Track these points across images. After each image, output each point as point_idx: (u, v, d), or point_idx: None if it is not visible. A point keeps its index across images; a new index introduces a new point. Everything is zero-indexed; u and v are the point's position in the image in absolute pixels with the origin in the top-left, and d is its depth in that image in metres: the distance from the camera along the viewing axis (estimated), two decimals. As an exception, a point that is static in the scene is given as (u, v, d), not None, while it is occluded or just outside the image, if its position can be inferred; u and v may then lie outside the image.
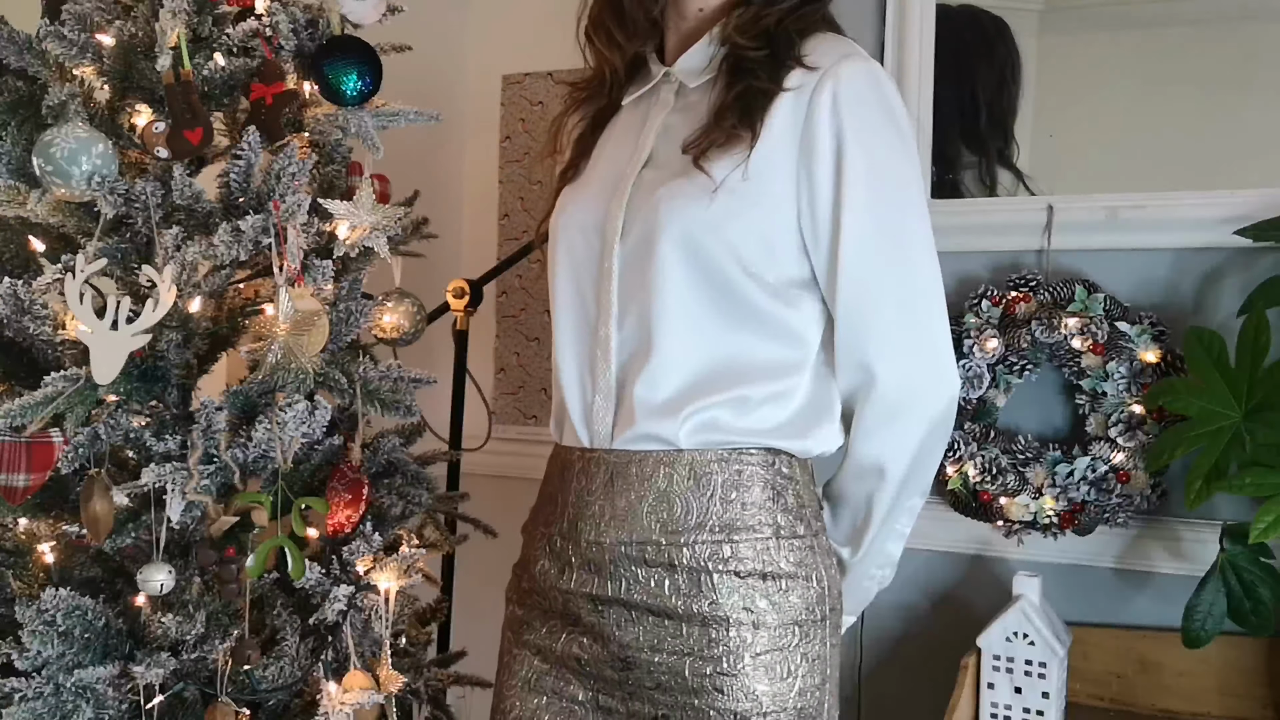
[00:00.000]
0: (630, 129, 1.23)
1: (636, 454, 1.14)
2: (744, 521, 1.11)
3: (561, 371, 1.20)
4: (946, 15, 1.72)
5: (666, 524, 1.12)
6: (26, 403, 1.20)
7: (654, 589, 1.11)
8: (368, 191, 1.39)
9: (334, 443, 1.39)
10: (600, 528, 1.14)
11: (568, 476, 1.19)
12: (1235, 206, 1.51)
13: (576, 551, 1.16)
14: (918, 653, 1.74)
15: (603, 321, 1.16)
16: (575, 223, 1.21)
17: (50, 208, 1.29)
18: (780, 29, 1.13)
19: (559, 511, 1.19)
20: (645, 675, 1.12)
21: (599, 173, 1.23)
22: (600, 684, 1.15)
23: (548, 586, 1.18)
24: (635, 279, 1.14)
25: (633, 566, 1.12)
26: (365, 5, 1.42)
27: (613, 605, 1.13)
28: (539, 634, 1.20)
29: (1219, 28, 1.62)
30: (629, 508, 1.13)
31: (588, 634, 1.15)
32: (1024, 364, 1.61)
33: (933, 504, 1.72)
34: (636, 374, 1.13)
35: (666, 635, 1.11)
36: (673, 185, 1.12)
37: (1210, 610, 1.44)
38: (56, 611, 1.21)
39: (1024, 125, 1.72)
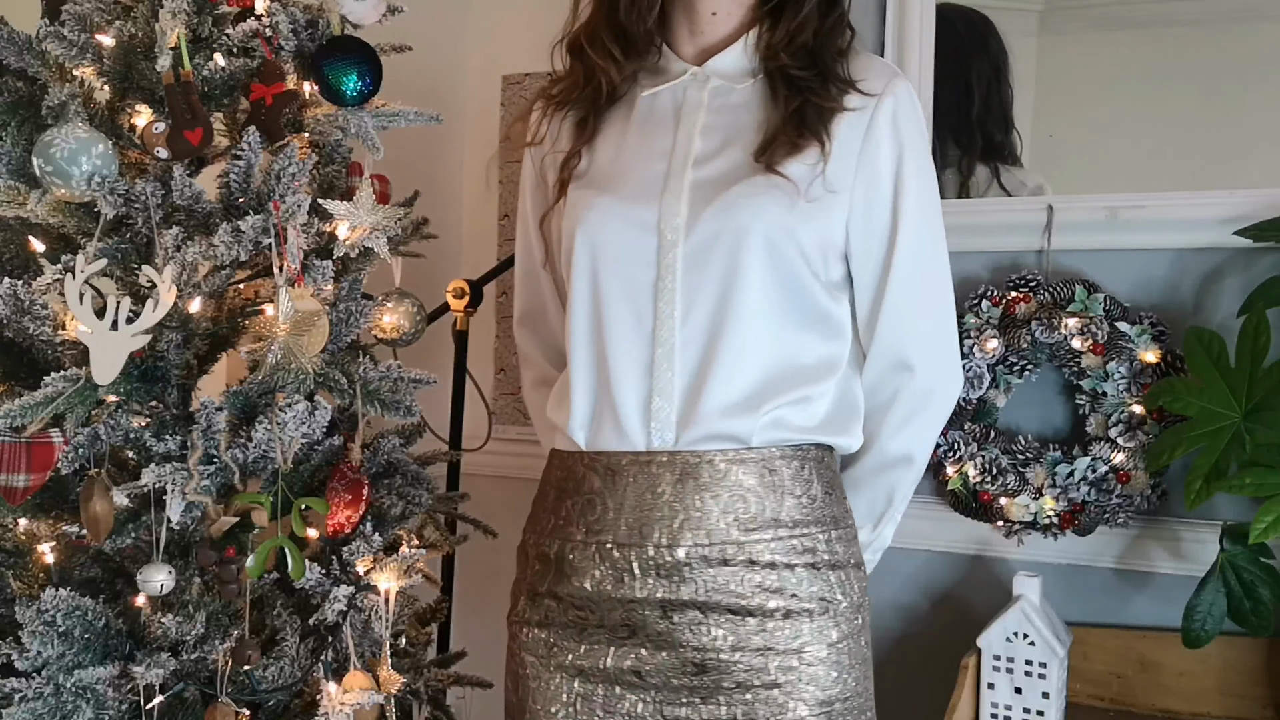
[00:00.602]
0: (655, 124, 1.21)
1: (707, 454, 1.14)
2: (813, 515, 1.17)
3: (613, 373, 1.16)
4: (940, 12, 1.72)
5: (744, 523, 1.13)
6: (26, 403, 1.20)
7: (733, 589, 1.12)
8: (368, 191, 1.39)
9: (334, 443, 1.39)
10: (674, 531, 1.13)
11: (619, 481, 1.15)
12: (1235, 206, 1.51)
13: (642, 558, 1.13)
14: (918, 653, 1.74)
15: (664, 322, 1.15)
16: (619, 217, 1.17)
17: (50, 208, 1.29)
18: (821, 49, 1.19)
19: (612, 518, 1.15)
20: (724, 676, 1.12)
21: (629, 167, 1.20)
22: (666, 694, 1.13)
23: (602, 598, 1.15)
24: (701, 278, 1.14)
25: (710, 568, 1.12)
26: (365, 5, 1.42)
27: (687, 609, 1.12)
28: (577, 654, 1.16)
29: (1219, 28, 1.62)
30: (703, 509, 1.13)
31: (649, 643, 1.13)
32: (1024, 364, 1.61)
33: (933, 504, 1.72)
34: (709, 374, 1.14)
35: (747, 633, 1.12)
36: (749, 186, 1.14)
37: (1210, 610, 1.44)
38: (56, 612, 1.21)
39: (1024, 125, 1.72)
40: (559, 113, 1.27)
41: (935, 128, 1.71)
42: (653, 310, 1.15)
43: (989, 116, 1.73)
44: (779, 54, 1.19)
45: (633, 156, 1.21)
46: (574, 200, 1.21)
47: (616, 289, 1.17)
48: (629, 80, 1.25)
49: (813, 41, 1.19)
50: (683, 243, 1.14)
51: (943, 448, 1.65)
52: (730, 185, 1.15)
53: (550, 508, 1.23)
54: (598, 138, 1.24)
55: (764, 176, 1.14)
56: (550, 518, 1.22)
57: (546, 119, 1.27)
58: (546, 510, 1.23)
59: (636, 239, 1.16)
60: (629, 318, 1.16)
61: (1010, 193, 1.71)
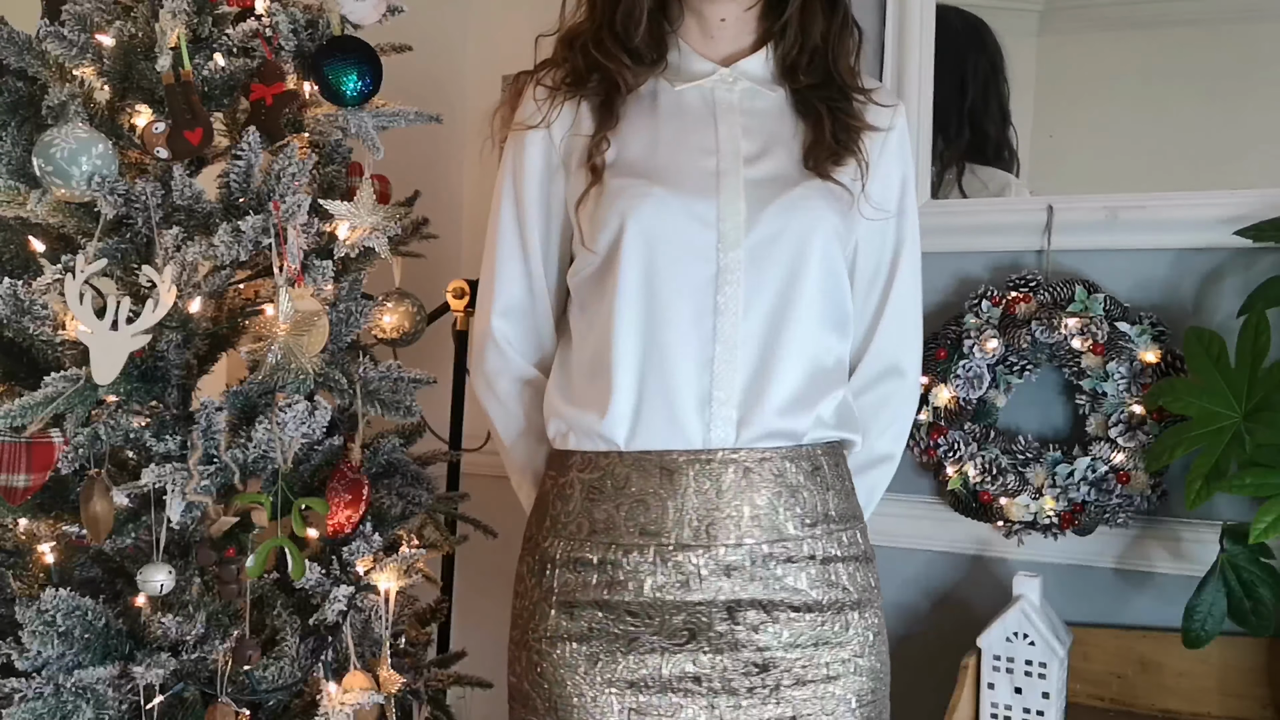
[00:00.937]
0: (690, 120, 1.21)
1: (765, 452, 1.15)
2: (850, 509, 1.22)
3: (668, 369, 1.14)
4: (937, 11, 1.72)
5: (801, 518, 1.16)
6: (26, 403, 1.21)
7: (794, 585, 1.14)
8: (368, 191, 1.39)
9: (334, 443, 1.39)
10: (741, 530, 1.13)
11: (678, 481, 1.13)
12: (1235, 206, 1.51)
13: (711, 558, 1.12)
14: (918, 653, 1.74)
15: (726, 318, 1.14)
16: (677, 213, 1.15)
17: (50, 208, 1.29)
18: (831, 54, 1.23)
19: (672, 521, 1.13)
20: (784, 674, 1.13)
21: (674, 160, 1.18)
22: (726, 697, 1.12)
23: (664, 603, 1.12)
24: (762, 277, 1.15)
25: (774, 565, 1.13)
26: (365, 5, 1.42)
27: (750, 608, 1.12)
28: (628, 665, 1.13)
29: (1219, 28, 1.61)
30: (768, 506, 1.14)
31: (709, 647, 1.12)
32: (1024, 364, 1.61)
33: (933, 504, 1.72)
34: (769, 372, 1.15)
35: (804, 629, 1.14)
36: (809, 190, 1.18)
37: (1210, 610, 1.44)
38: (56, 612, 1.21)
39: (1024, 125, 1.72)
40: (569, 98, 1.23)
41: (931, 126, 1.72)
42: (713, 306, 1.14)
43: (985, 113, 1.73)
44: (797, 70, 1.23)
45: (674, 150, 1.19)
46: (618, 188, 1.17)
47: (675, 284, 1.14)
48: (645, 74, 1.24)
49: (823, 44, 1.22)
50: (744, 241, 1.14)
51: (943, 448, 1.65)
52: (790, 186, 1.17)
53: (580, 511, 1.17)
54: (622, 125, 1.21)
55: (820, 182, 1.18)
56: (583, 521, 1.16)
57: (555, 104, 1.23)
58: (574, 514, 1.17)
59: (696, 233, 1.14)
60: (688, 313, 1.14)
61: (965, 194, 1.72)
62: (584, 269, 1.21)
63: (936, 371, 1.64)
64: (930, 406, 1.65)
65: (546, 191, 1.26)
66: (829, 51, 1.23)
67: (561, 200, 1.25)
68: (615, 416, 1.15)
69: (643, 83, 1.23)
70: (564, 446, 1.21)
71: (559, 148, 1.24)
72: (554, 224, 1.27)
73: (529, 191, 1.26)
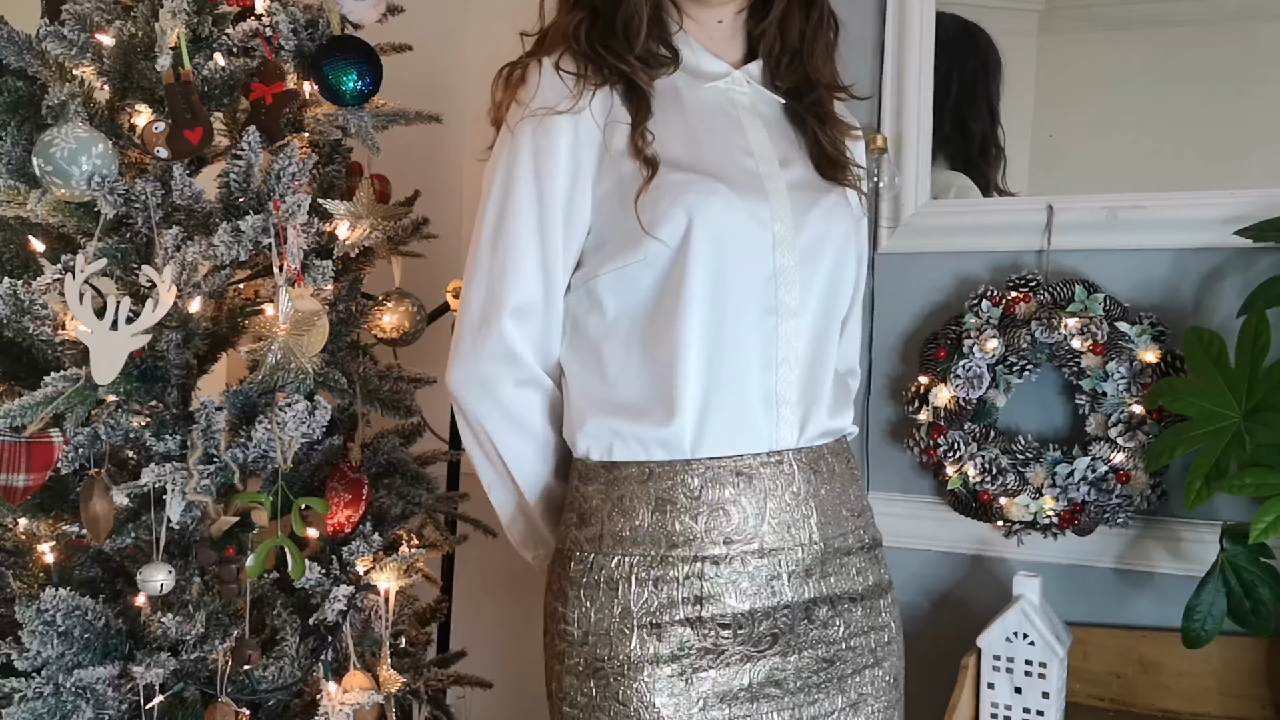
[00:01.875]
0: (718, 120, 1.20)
1: (818, 449, 1.18)
2: (867, 500, 1.28)
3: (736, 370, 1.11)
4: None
5: (853, 508, 1.21)
6: (26, 403, 1.21)
7: (854, 575, 1.19)
8: (368, 191, 1.39)
9: (334, 443, 1.39)
10: (814, 527, 1.15)
11: (755, 485, 1.11)
12: (1235, 206, 1.51)
13: (794, 559, 1.13)
14: (918, 653, 1.73)
15: (786, 319, 1.15)
16: (741, 212, 1.12)
17: (50, 208, 1.29)
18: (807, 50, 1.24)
19: (754, 525, 1.11)
20: (845, 665, 1.16)
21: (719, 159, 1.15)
22: (804, 696, 1.12)
23: (754, 613, 1.10)
24: (812, 278, 1.18)
25: (841, 559, 1.17)
26: (365, 5, 1.42)
27: (823, 605, 1.15)
28: (715, 679, 1.08)
29: (1219, 28, 1.61)
30: (832, 501, 1.18)
31: (788, 647, 1.12)
32: (1024, 364, 1.61)
33: (933, 504, 1.72)
34: (819, 371, 1.19)
35: (857, 617, 1.18)
36: (835, 196, 1.22)
37: (1210, 610, 1.44)
38: (56, 611, 1.21)
39: (1024, 126, 1.72)
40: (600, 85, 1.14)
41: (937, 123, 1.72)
42: (775, 306, 1.14)
43: (972, 112, 1.74)
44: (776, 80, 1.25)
45: (715, 149, 1.16)
46: (681, 182, 1.10)
47: (740, 282, 1.12)
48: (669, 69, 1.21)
49: (800, 44, 1.24)
50: (794, 243, 1.16)
51: (943, 447, 1.65)
52: (822, 193, 1.21)
53: (653, 524, 1.10)
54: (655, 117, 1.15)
55: (840, 190, 1.24)
56: (659, 536, 1.10)
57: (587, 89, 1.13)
58: (644, 528, 1.10)
59: (755, 234, 1.13)
60: (754, 313, 1.13)
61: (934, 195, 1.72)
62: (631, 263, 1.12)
63: (936, 371, 1.64)
64: (930, 406, 1.65)
65: (571, 184, 1.15)
66: (804, 51, 1.24)
67: (586, 194, 1.15)
68: (682, 422, 1.10)
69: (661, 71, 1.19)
70: (608, 458, 1.14)
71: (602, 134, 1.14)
72: (576, 220, 1.16)
73: (555, 182, 1.14)
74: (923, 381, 1.65)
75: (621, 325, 1.14)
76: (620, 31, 1.16)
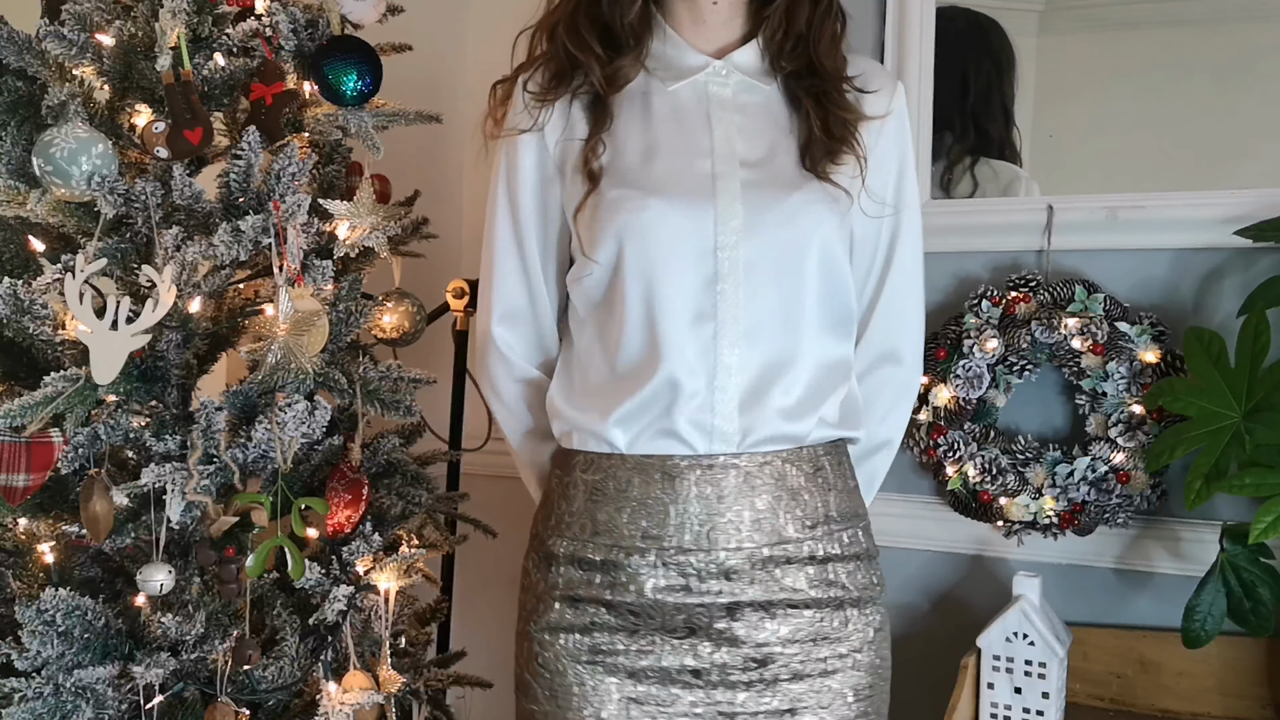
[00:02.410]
0: (684, 119, 1.19)
1: (766, 456, 1.15)
2: (852, 507, 1.22)
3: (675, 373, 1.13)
4: (941, 11, 1.72)
5: (801, 520, 1.16)
6: (26, 403, 1.21)
7: (793, 585, 1.15)
8: (368, 191, 1.39)
9: (334, 443, 1.39)
10: (741, 534, 1.14)
11: (681, 487, 1.13)
12: (1235, 206, 1.51)
13: (710, 562, 1.13)
14: (918, 653, 1.74)
15: (727, 326, 1.13)
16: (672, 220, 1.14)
17: (50, 208, 1.29)
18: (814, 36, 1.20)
19: (674, 525, 1.13)
20: (781, 669, 1.14)
21: (670, 165, 1.17)
22: (721, 689, 1.13)
23: (664, 605, 1.14)
24: (764, 284, 1.14)
25: (774, 568, 1.14)
26: (365, 5, 1.42)
27: (750, 608, 1.13)
28: (629, 655, 1.15)
29: (1219, 28, 1.61)
30: (769, 510, 1.14)
31: (710, 641, 1.13)
32: (1024, 364, 1.61)
33: (933, 504, 1.72)
34: (773, 380, 1.15)
35: (804, 625, 1.14)
36: (809, 194, 1.16)
37: (1210, 610, 1.44)
38: (56, 611, 1.21)
39: (1024, 125, 1.72)
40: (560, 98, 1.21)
41: (934, 124, 1.72)
42: (713, 311, 1.13)
43: (987, 113, 1.73)
44: (780, 60, 1.20)
45: (671, 154, 1.17)
46: (614, 200, 1.16)
47: (673, 291, 1.14)
48: (634, 67, 1.21)
49: (807, 31, 1.19)
50: (744, 246, 1.13)
51: (943, 447, 1.65)
52: (790, 191, 1.16)
53: (583, 512, 1.18)
54: (616, 125, 1.19)
55: (819, 184, 1.17)
56: (586, 522, 1.18)
57: (545, 105, 1.21)
58: (577, 515, 1.19)
59: (693, 240, 1.14)
60: (687, 319, 1.14)
61: (980, 184, 1.71)
62: (584, 276, 1.20)
63: (936, 371, 1.64)
64: (930, 406, 1.65)
65: (543, 197, 1.25)
66: (810, 38, 1.20)
67: (559, 204, 1.24)
68: (616, 421, 1.15)
69: (627, 77, 1.20)
70: (569, 446, 1.22)
71: (553, 153, 1.23)
72: (552, 229, 1.27)
73: (524, 198, 1.25)
74: (922, 381, 1.65)
75: (588, 326, 1.22)
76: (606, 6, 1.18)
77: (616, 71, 1.20)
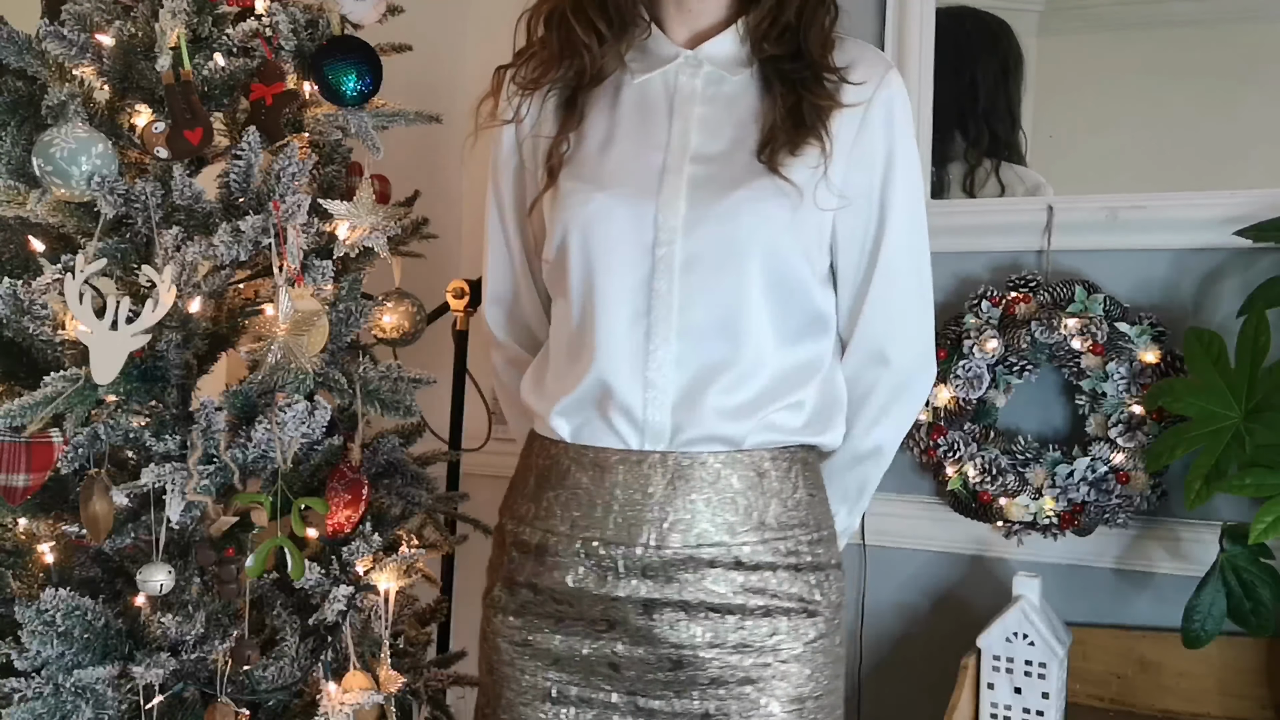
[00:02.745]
0: (649, 113, 1.17)
1: (699, 455, 1.12)
2: (798, 518, 1.16)
3: (607, 368, 1.12)
4: (947, 12, 1.72)
5: (731, 525, 1.12)
6: (26, 403, 1.21)
7: (717, 589, 1.12)
8: (368, 191, 1.39)
9: (334, 443, 1.39)
10: (663, 532, 1.12)
11: (609, 480, 1.13)
12: (1235, 206, 1.51)
13: (630, 557, 1.12)
14: (918, 653, 1.74)
15: (660, 323, 1.12)
16: (615, 213, 1.13)
17: (50, 208, 1.29)
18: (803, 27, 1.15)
19: (599, 517, 1.13)
20: (699, 672, 1.11)
21: (624, 158, 1.16)
22: (642, 685, 1.13)
23: (584, 594, 1.14)
24: (704, 280, 1.11)
25: (696, 570, 1.11)
26: (365, 5, 1.42)
27: (668, 608, 1.12)
28: (553, 643, 1.16)
29: (1219, 28, 1.62)
30: (693, 511, 1.12)
31: (629, 636, 1.13)
32: (1024, 364, 1.61)
33: (933, 504, 1.72)
34: (713, 379, 1.12)
35: (726, 630, 1.12)
36: (755, 189, 1.12)
37: (1210, 610, 1.44)
38: (56, 611, 1.21)
39: (1025, 125, 1.72)
40: (538, 90, 1.21)
41: (937, 124, 1.72)
42: (648, 310, 1.12)
43: (994, 113, 1.73)
44: (764, 43, 1.16)
45: (627, 148, 1.17)
46: (566, 192, 1.16)
47: (613, 289, 1.13)
48: (614, 59, 1.19)
49: (796, 22, 1.15)
50: (681, 242, 1.11)
51: (943, 448, 1.65)
52: (734, 187, 1.12)
53: (530, 495, 1.20)
54: (585, 122, 1.19)
55: (769, 179, 1.12)
56: (530, 506, 1.19)
57: (525, 97, 1.22)
58: (526, 497, 1.21)
59: (633, 235, 1.12)
60: (625, 316, 1.13)
61: (1006, 188, 1.71)
62: (544, 268, 1.23)
63: (936, 371, 1.64)
64: (930, 406, 1.65)
65: (519, 188, 1.29)
66: (800, 27, 1.15)
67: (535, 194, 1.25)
68: (559, 411, 1.16)
69: (608, 69, 1.19)
70: (520, 428, 1.29)
71: (525, 146, 1.25)
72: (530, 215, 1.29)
73: (504, 186, 1.30)
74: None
75: (556, 315, 1.23)
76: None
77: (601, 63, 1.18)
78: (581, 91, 1.20)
